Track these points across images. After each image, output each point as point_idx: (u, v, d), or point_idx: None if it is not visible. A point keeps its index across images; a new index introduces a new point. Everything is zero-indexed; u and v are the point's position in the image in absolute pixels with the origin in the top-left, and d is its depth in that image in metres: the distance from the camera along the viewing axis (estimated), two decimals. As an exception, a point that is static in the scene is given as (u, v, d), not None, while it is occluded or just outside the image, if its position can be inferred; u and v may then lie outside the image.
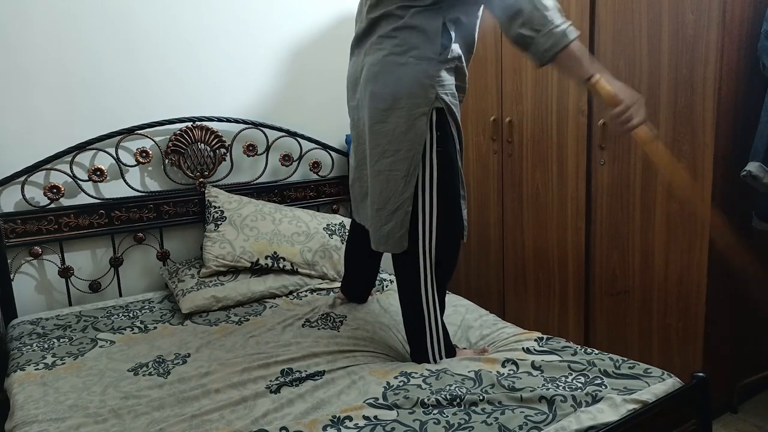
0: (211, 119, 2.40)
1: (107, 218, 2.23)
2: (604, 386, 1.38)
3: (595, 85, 1.41)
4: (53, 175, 2.16)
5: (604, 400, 1.32)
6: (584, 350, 1.58)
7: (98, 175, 2.22)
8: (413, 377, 1.49)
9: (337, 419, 1.30)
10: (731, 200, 1.89)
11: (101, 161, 2.24)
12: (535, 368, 1.50)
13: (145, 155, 2.30)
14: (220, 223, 2.28)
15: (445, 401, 1.35)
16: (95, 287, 2.27)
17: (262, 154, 2.54)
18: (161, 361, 1.67)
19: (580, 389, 1.37)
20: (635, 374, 1.43)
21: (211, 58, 2.42)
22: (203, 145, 2.39)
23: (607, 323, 2.21)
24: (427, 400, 1.36)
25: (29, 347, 1.80)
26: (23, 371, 1.64)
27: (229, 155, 2.46)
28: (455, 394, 1.37)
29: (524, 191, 2.46)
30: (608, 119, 1.37)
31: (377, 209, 1.60)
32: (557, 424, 1.25)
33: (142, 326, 1.96)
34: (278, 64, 2.58)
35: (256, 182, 2.54)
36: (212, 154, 2.42)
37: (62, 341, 1.84)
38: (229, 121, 2.43)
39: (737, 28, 1.78)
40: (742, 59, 1.81)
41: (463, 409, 1.33)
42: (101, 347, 1.80)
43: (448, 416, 1.30)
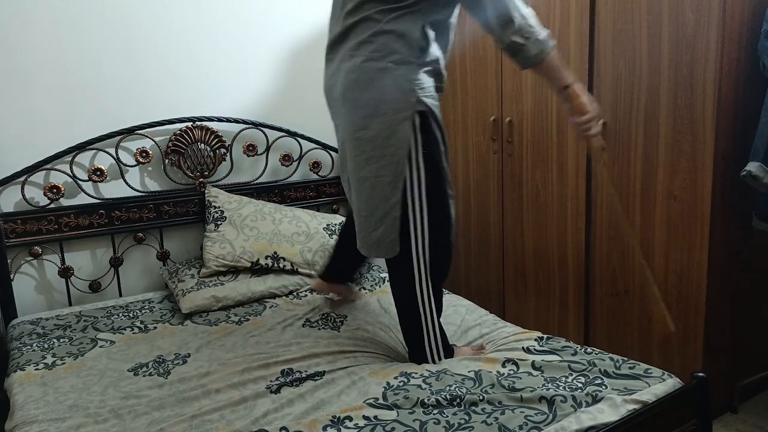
0: (211, 119, 2.40)
1: (107, 218, 2.23)
2: (604, 386, 1.38)
3: (571, 93, 1.55)
4: (53, 175, 2.17)
5: (604, 400, 1.32)
6: (584, 350, 1.59)
7: (98, 175, 2.22)
8: (413, 377, 1.49)
9: (337, 419, 1.30)
10: (731, 200, 1.89)
11: (101, 161, 2.24)
12: (535, 368, 1.50)
13: (145, 155, 2.30)
14: (220, 223, 2.28)
15: (445, 401, 1.35)
16: (95, 287, 2.27)
17: (262, 154, 2.54)
18: (161, 361, 1.67)
19: (580, 389, 1.37)
20: (635, 374, 1.43)
21: (211, 58, 2.42)
22: (203, 145, 2.39)
23: (607, 323, 2.21)
24: (427, 400, 1.36)
25: (29, 347, 1.80)
26: (23, 371, 1.64)
27: (229, 155, 2.46)
28: (455, 394, 1.37)
29: (524, 191, 2.45)
30: (574, 124, 1.55)
31: (365, 216, 1.60)
32: (557, 424, 1.25)
33: (142, 326, 1.96)
34: (278, 64, 2.58)
35: (256, 182, 2.54)
36: (212, 154, 2.42)
37: (62, 341, 1.84)
38: (229, 121, 2.43)
39: (737, 28, 1.78)
40: (742, 59, 1.81)
41: (463, 409, 1.33)
42: (101, 347, 1.80)
43: (448, 416, 1.30)
